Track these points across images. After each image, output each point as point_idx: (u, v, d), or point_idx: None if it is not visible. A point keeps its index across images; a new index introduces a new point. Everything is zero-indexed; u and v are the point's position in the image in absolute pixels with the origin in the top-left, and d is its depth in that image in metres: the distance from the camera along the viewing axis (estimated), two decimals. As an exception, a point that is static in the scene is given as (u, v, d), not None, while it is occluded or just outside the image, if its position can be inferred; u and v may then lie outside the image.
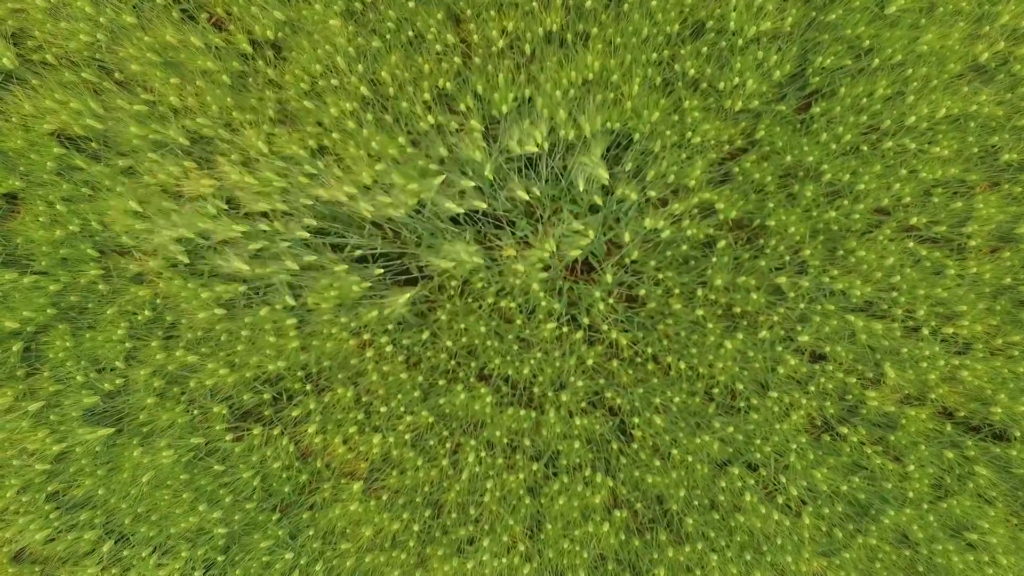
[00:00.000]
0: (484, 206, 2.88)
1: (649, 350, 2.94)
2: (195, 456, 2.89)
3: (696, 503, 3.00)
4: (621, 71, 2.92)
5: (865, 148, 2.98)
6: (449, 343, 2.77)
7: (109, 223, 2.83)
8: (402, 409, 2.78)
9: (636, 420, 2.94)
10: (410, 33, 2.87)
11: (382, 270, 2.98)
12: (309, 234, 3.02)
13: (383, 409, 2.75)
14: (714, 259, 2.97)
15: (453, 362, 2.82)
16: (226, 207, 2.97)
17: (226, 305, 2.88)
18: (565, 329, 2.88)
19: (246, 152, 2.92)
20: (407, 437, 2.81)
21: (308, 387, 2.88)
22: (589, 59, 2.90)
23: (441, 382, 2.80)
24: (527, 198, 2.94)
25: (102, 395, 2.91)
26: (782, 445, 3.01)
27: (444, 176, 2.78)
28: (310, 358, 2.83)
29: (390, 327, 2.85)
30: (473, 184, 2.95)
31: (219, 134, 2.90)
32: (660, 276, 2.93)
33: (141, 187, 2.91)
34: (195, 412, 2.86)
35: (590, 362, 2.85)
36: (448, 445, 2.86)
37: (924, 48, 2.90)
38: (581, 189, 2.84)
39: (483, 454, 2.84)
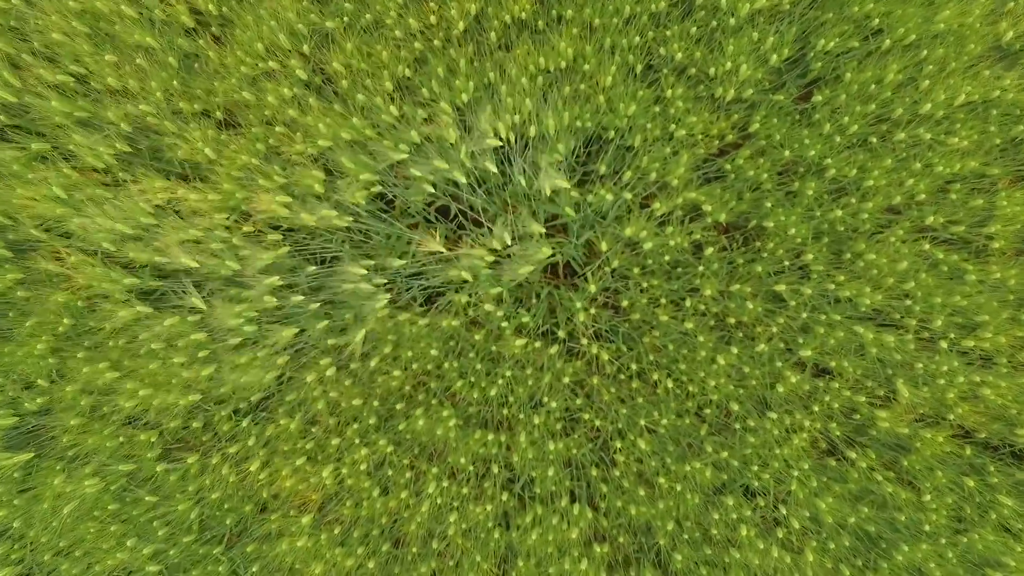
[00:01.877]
0: (462, 179, 2.57)
1: (634, 366, 2.63)
2: (126, 485, 2.59)
3: (686, 536, 2.68)
4: (596, 58, 2.62)
5: (874, 140, 2.67)
6: (398, 373, 2.45)
7: (16, 213, 2.53)
8: (357, 440, 2.47)
9: (618, 444, 2.63)
10: (368, 16, 2.58)
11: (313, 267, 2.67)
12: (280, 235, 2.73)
13: (335, 442, 2.43)
14: (701, 267, 2.66)
15: (408, 387, 2.51)
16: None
17: (151, 303, 2.58)
18: (538, 344, 2.56)
19: (195, 157, 2.62)
20: (363, 467, 2.50)
21: (244, 422, 2.57)
22: (562, 45, 2.60)
23: (399, 406, 2.49)
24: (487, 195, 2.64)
25: (24, 415, 2.62)
26: (783, 472, 2.69)
27: (406, 155, 2.47)
28: (227, 391, 2.52)
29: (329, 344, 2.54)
30: (446, 168, 2.65)
31: (164, 126, 2.60)
32: (645, 284, 2.62)
33: (65, 174, 2.60)
34: (122, 438, 2.56)
35: (567, 380, 2.53)
36: (408, 475, 2.55)
37: (941, 27, 2.59)
38: (547, 193, 2.53)
39: (445, 484, 2.53)
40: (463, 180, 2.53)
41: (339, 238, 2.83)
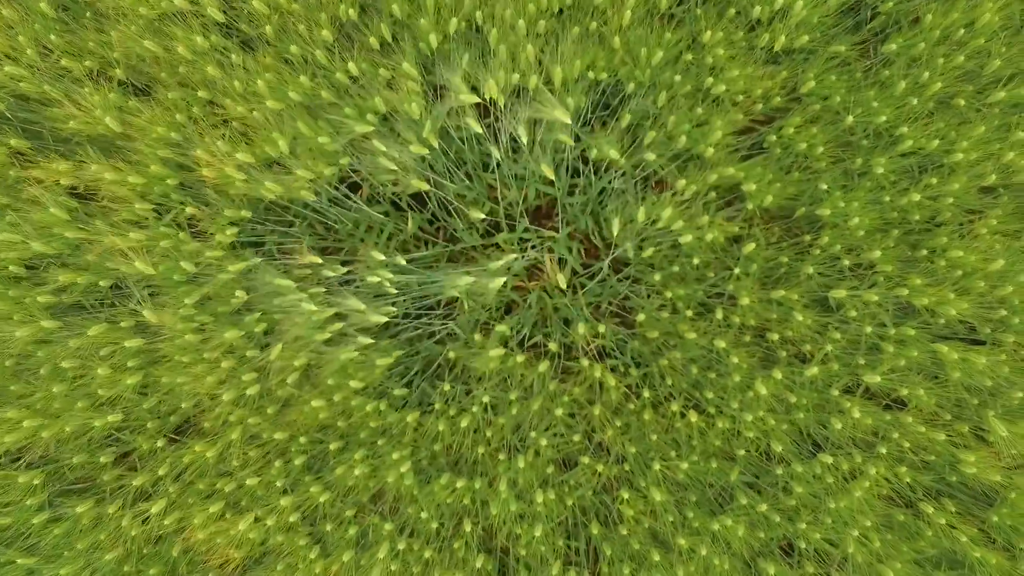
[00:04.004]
0: (424, 151, 1.99)
1: (647, 393, 2.04)
2: (-6, 541, 2.03)
3: (713, 612, 2.10)
4: (610, -8, 2.01)
5: (962, 103, 2.06)
6: (318, 403, 1.85)
7: None
8: (278, 483, 1.88)
9: (626, 494, 2.04)
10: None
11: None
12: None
13: (251, 483, 1.85)
14: (737, 269, 2.06)
15: (343, 423, 1.92)
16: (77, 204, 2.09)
17: (60, 316, 2.00)
18: (520, 359, 1.96)
19: (95, 129, 2.04)
20: (291, 519, 1.93)
21: (160, 443, 2.00)
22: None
23: (334, 446, 1.91)
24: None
25: None
26: (838, 529, 2.10)
27: (373, 126, 1.87)
28: (154, 401, 1.94)
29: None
30: (414, 149, 2.06)
31: (46, 92, 2.03)
32: (670, 294, 2.02)
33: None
34: (-8, 479, 1.99)
35: (560, 412, 1.94)
36: (352, 531, 1.96)
37: (1055, -47, 1.98)
38: (543, 172, 1.92)
39: (402, 545, 1.95)
40: (424, 153, 1.93)
41: (300, 229, 2.26)
